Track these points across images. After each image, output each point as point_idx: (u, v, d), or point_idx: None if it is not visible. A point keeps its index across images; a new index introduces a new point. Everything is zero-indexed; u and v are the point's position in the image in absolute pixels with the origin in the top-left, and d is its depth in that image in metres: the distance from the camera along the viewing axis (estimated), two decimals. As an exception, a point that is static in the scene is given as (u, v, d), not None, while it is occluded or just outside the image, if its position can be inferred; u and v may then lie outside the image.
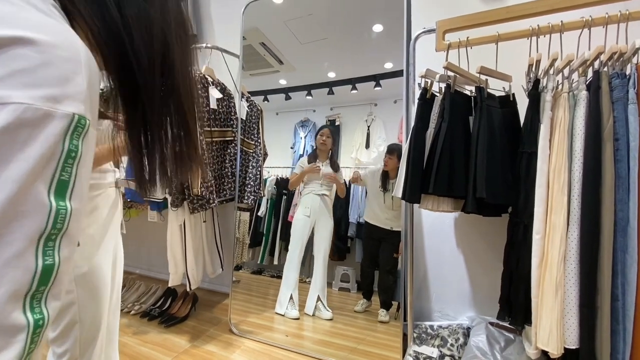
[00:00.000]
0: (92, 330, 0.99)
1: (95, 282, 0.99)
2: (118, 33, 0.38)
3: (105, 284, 1.02)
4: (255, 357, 1.63)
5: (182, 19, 0.48)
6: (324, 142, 2.09)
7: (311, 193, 2.09)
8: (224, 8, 2.24)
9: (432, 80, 1.21)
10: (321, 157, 2.11)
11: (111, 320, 1.10)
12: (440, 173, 1.08)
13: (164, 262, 2.03)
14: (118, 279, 1.13)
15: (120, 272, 1.14)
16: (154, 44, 0.41)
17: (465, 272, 1.58)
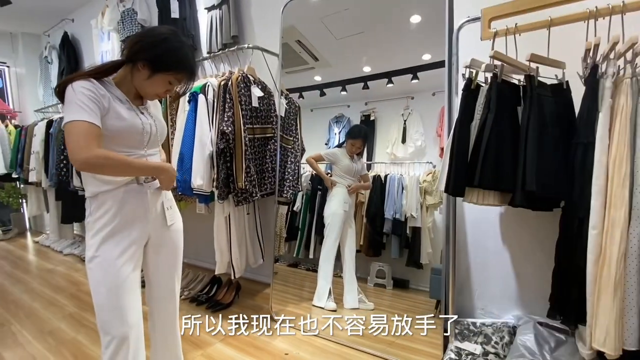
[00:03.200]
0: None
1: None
2: None
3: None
4: (296, 345, 1.70)
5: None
6: (352, 152, 2.10)
7: (347, 189, 2.10)
8: (263, 9, 2.31)
9: (477, 70, 1.18)
10: (349, 154, 2.12)
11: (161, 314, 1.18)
12: (486, 165, 1.06)
13: (209, 252, 2.16)
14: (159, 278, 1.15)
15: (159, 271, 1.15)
16: None
17: (511, 269, 1.52)
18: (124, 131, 0.97)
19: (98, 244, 0.98)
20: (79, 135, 0.86)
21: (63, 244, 3.61)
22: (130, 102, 1.03)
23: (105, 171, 0.94)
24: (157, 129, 1.08)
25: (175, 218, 1.17)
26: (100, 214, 0.99)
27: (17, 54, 4.46)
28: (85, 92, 0.89)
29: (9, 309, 2.22)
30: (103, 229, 0.98)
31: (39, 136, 3.19)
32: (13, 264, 3.25)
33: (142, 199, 1.04)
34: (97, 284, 0.99)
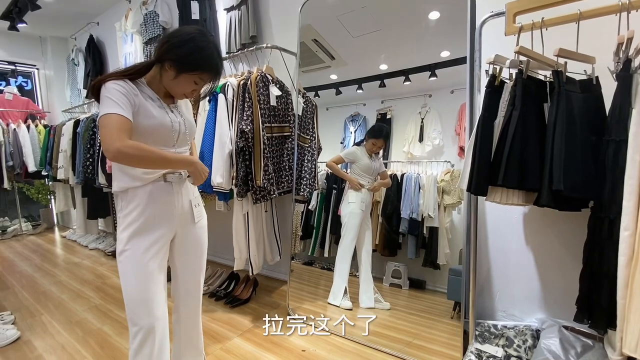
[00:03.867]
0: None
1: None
2: None
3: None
4: (313, 342, 1.71)
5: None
6: (372, 151, 2.09)
7: (366, 189, 2.09)
8: (281, 9, 2.33)
9: (501, 67, 1.15)
10: (368, 152, 2.12)
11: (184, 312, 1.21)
12: (511, 164, 1.03)
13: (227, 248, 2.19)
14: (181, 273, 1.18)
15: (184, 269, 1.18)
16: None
17: (535, 271, 1.48)
18: (153, 129, 1.00)
19: (127, 238, 1.01)
20: (112, 127, 0.89)
21: (88, 238, 3.77)
22: (161, 100, 1.05)
23: (137, 162, 0.95)
24: (185, 128, 1.10)
25: (202, 215, 1.21)
26: (129, 210, 1.02)
27: (46, 57, 4.66)
28: (117, 89, 0.93)
29: (39, 300, 2.34)
30: (132, 224, 1.01)
31: (67, 135, 3.33)
32: (42, 257, 3.41)
33: (169, 196, 1.07)
34: (126, 277, 1.02)
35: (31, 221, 4.58)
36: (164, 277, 1.10)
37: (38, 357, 1.65)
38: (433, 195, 1.99)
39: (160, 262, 1.07)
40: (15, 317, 2.05)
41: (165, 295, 1.10)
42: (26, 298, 2.38)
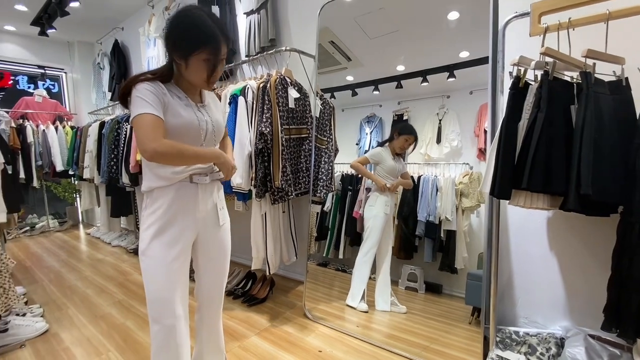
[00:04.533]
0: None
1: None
2: None
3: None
4: (329, 343, 1.71)
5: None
6: (403, 148, 2.08)
7: (389, 191, 2.08)
8: (300, 11, 2.36)
9: (526, 68, 1.13)
10: (395, 155, 2.10)
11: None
12: (535, 167, 1.01)
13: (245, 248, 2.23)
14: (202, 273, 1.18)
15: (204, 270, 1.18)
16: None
17: (559, 277, 1.44)
18: (180, 127, 1.00)
19: (150, 237, 1.02)
20: (147, 127, 0.90)
21: (111, 236, 3.90)
22: (189, 99, 1.05)
23: (172, 160, 0.96)
24: (213, 127, 1.09)
25: (226, 218, 1.20)
26: (153, 209, 1.03)
27: (74, 61, 4.87)
28: (148, 89, 0.95)
29: (66, 294, 2.44)
30: (155, 224, 1.02)
31: (93, 136, 3.47)
32: (68, 253, 3.55)
33: (194, 197, 1.06)
34: (148, 275, 1.03)
35: (58, 218, 4.78)
36: (186, 276, 1.10)
37: (65, 349, 1.72)
38: (451, 198, 1.97)
39: (183, 262, 1.07)
40: (43, 310, 2.14)
41: (187, 294, 1.11)
42: (54, 292, 2.49)
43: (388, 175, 2.07)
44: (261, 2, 2.37)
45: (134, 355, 1.65)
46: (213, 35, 0.96)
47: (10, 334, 1.78)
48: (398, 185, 2.08)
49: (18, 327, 1.83)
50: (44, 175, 4.16)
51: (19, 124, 3.86)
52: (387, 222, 2.08)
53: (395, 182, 2.07)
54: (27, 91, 4.63)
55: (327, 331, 1.82)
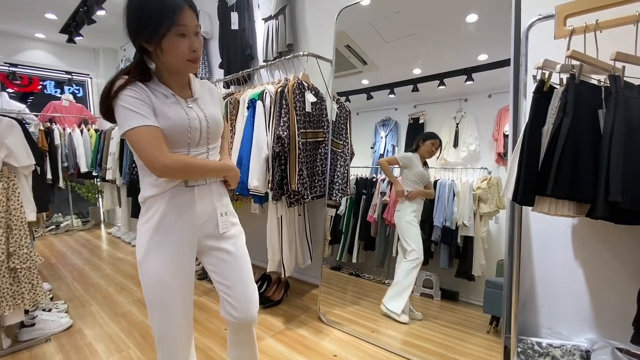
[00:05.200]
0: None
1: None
2: None
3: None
4: (344, 347, 1.71)
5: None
6: (431, 153, 2.03)
7: (419, 197, 2.05)
8: (317, 16, 2.38)
9: (551, 72, 1.10)
10: (423, 162, 2.08)
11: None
12: (561, 173, 0.98)
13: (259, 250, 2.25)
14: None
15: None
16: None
17: (585, 288, 1.38)
18: (169, 130, 0.88)
19: (144, 249, 0.93)
20: (148, 143, 0.82)
21: (131, 235, 4.02)
22: (176, 95, 0.93)
23: (182, 175, 0.91)
24: (207, 124, 0.96)
25: (229, 226, 1.05)
26: (146, 219, 0.94)
27: (99, 67, 5.07)
28: (131, 95, 0.84)
29: (89, 291, 2.53)
30: (147, 233, 0.93)
31: (115, 139, 3.59)
32: (91, 252, 3.68)
33: (190, 202, 0.96)
34: (145, 288, 0.96)
35: (81, 218, 4.96)
36: (185, 286, 0.99)
37: (88, 345, 1.79)
38: (468, 203, 1.93)
39: (181, 273, 0.97)
40: (68, 306, 2.23)
41: (185, 304, 1.00)
42: (77, 289, 2.58)
43: (416, 180, 2.03)
44: (279, 8, 2.40)
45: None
46: (176, 3, 0.84)
47: (37, 328, 1.86)
48: (418, 195, 2.05)
49: (44, 322, 1.90)
50: (69, 176, 4.33)
51: (47, 127, 4.04)
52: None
53: (415, 191, 2.04)
54: (54, 95, 4.85)
55: (342, 335, 1.82)
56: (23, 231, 1.72)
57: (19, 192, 1.72)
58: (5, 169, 1.69)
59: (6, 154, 1.70)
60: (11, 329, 1.82)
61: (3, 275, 1.65)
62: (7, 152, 1.70)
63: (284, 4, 2.40)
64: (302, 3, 2.44)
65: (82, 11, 3.58)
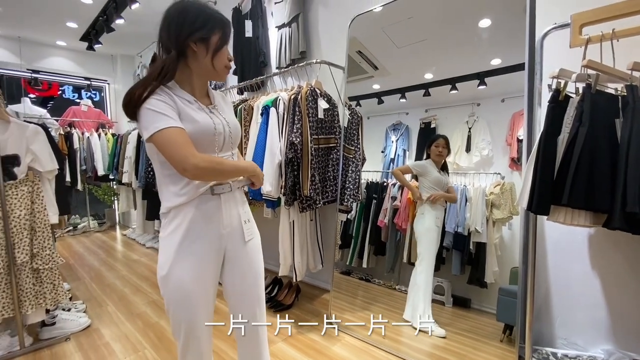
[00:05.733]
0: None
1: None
2: None
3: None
4: (355, 353, 1.71)
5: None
6: (440, 154, 1.99)
7: (439, 204, 2.00)
8: (330, 24, 2.41)
9: (567, 81, 1.10)
10: (438, 167, 2.03)
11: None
12: (577, 183, 0.98)
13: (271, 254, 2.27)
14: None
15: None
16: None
17: (602, 298, 1.36)
18: (197, 134, 0.88)
19: (170, 261, 0.90)
20: (177, 143, 0.81)
21: (146, 237, 4.11)
22: (198, 101, 0.94)
23: (215, 175, 0.90)
24: (230, 129, 0.97)
25: (253, 233, 1.05)
26: (171, 230, 0.91)
27: (116, 73, 5.23)
28: (160, 99, 0.84)
29: (106, 292, 2.60)
30: (173, 246, 0.90)
31: (132, 143, 3.69)
32: (107, 253, 3.78)
33: (217, 211, 0.95)
34: (169, 302, 0.93)
35: (97, 219, 5.09)
36: (210, 298, 0.99)
37: (106, 345, 1.84)
38: (481, 209, 1.91)
39: (208, 285, 0.96)
40: (86, 306, 2.30)
41: (209, 314, 1.00)
42: (94, 289, 2.65)
43: (434, 186, 1.99)
44: (292, 16, 2.45)
45: (168, 354, 1.73)
46: (223, 17, 0.92)
47: (57, 327, 1.92)
48: (439, 198, 1.99)
49: (64, 321, 1.97)
50: (87, 178, 4.46)
51: (67, 131, 4.18)
52: (438, 236, 1.99)
53: (438, 194, 1.98)
54: (72, 100, 5.01)
55: (353, 341, 1.82)
56: (46, 233, 1.79)
57: (43, 196, 1.80)
58: (30, 173, 1.76)
59: (31, 159, 1.77)
60: (33, 327, 1.88)
61: (27, 276, 1.72)
62: (32, 157, 1.77)
63: (297, 12, 2.44)
64: (315, 11, 2.47)
65: (102, 20, 3.71)
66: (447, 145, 2.00)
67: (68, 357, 1.73)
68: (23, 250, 1.69)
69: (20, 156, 1.73)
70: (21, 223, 1.70)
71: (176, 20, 0.87)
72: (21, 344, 1.74)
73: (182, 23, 0.87)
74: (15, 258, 1.67)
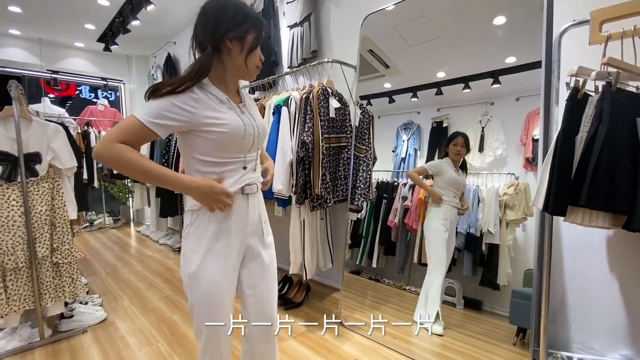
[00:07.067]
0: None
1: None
2: None
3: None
4: (365, 352, 1.71)
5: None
6: (458, 153, 1.94)
7: (449, 204, 1.95)
8: (342, 23, 2.41)
9: (586, 79, 1.07)
10: (455, 166, 1.98)
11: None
12: (596, 183, 0.95)
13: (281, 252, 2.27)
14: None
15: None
16: None
17: (621, 302, 1.32)
18: (227, 135, 0.87)
19: (200, 260, 0.90)
20: (120, 128, 0.80)
21: (159, 234, 4.19)
22: (230, 100, 0.92)
23: (116, 165, 0.82)
24: (259, 130, 0.96)
25: (270, 232, 1.08)
26: (202, 228, 0.91)
27: (131, 73, 5.35)
28: (178, 103, 0.82)
29: (121, 287, 2.66)
30: (203, 244, 0.91)
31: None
32: (122, 249, 3.87)
33: (245, 210, 0.96)
34: (196, 299, 0.93)
35: (113, 216, 5.23)
36: (234, 294, 1.00)
37: (121, 337, 1.89)
38: (494, 210, 1.88)
39: (233, 282, 0.98)
40: (102, 300, 2.36)
41: (231, 312, 0.99)
42: (110, 284, 2.72)
43: (449, 187, 1.95)
44: (304, 16, 2.45)
45: (180, 348, 1.76)
46: (259, 17, 0.91)
47: (75, 319, 1.98)
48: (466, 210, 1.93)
49: (82, 314, 2.03)
50: (103, 176, 4.58)
51: (84, 130, 4.29)
52: (449, 237, 1.94)
53: (463, 204, 1.93)
54: (89, 100, 5.15)
55: (363, 340, 1.82)
56: (65, 228, 1.85)
57: (63, 192, 1.86)
58: (51, 171, 1.82)
59: (52, 156, 1.84)
60: (52, 319, 1.95)
61: (47, 269, 1.78)
62: (53, 155, 1.84)
63: (309, 11, 2.44)
64: (327, 10, 2.47)
65: (118, 21, 3.79)
66: (466, 143, 1.95)
67: (85, 348, 1.78)
68: (44, 245, 1.76)
69: (42, 154, 1.79)
70: (42, 218, 1.76)
71: (214, 16, 0.87)
72: (41, 335, 1.81)
73: (219, 20, 0.86)
74: (36, 252, 1.73)
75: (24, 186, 1.71)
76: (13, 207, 1.70)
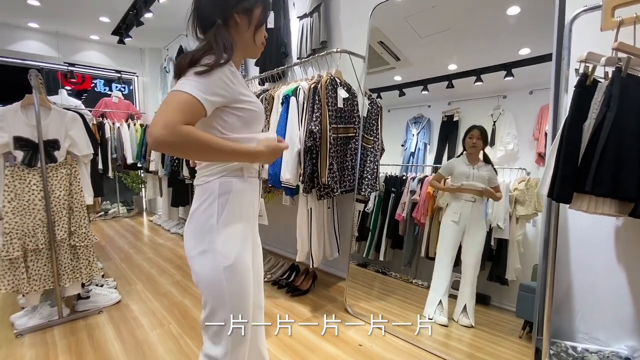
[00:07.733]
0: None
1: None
2: None
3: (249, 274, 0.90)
4: (369, 338, 1.74)
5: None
6: (474, 145, 1.90)
7: (462, 199, 1.90)
8: (351, 13, 2.40)
9: (595, 65, 1.06)
10: (471, 160, 1.91)
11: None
12: (603, 169, 0.95)
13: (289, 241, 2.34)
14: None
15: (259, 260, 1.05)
16: None
17: (628, 293, 1.31)
18: (254, 115, 0.87)
19: (236, 253, 0.85)
20: (178, 107, 0.71)
21: (170, 224, 4.30)
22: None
23: (185, 152, 0.78)
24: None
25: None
26: (231, 217, 0.86)
27: (144, 66, 5.44)
28: (225, 79, 0.78)
29: (135, 272, 2.76)
30: (238, 235, 0.87)
31: (158, 133, 3.84)
32: (135, 237, 3.99)
33: (255, 194, 0.95)
34: (235, 290, 0.85)
35: (126, 206, 5.37)
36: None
37: (135, 318, 1.97)
38: (504, 205, 1.87)
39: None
40: (117, 283, 2.45)
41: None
42: (124, 269, 2.82)
43: (460, 182, 1.92)
44: (314, 6, 2.46)
45: (190, 330, 1.83)
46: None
47: (91, 300, 2.07)
48: (467, 190, 1.88)
49: (97, 296, 2.12)
50: (117, 167, 4.70)
51: (99, 122, 4.41)
52: (467, 230, 1.89)
53: (467, 185, 1.87)
54: (104, 93, 5.27)
55: (368, 327, 1.85)
56: (82, 213, 1.93)
57: (80, 178, 1.93)
58: (69, 157, 1.90)
59: (70, 143, 1.91)
60: (70, 300, 2.04)
61: (65, 251, 1.87)
62: (70, 142, 1.91)
63: (319, 2, 2.44)
64: (336, 0, 2.47)
65: (132, 14, 3.87)
66: (483, 136, 1.90)
67: (101, 327, 1.86)
68: (62, 228, 1.84)
69: (60, 141, 1.87)
70: (60, 203, 1.84)
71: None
72: (60, 314, 1.90)
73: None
74: (55, 235, 1.82)
75: (44, 171, 1.79)
76: (33, 191, 1.78)
